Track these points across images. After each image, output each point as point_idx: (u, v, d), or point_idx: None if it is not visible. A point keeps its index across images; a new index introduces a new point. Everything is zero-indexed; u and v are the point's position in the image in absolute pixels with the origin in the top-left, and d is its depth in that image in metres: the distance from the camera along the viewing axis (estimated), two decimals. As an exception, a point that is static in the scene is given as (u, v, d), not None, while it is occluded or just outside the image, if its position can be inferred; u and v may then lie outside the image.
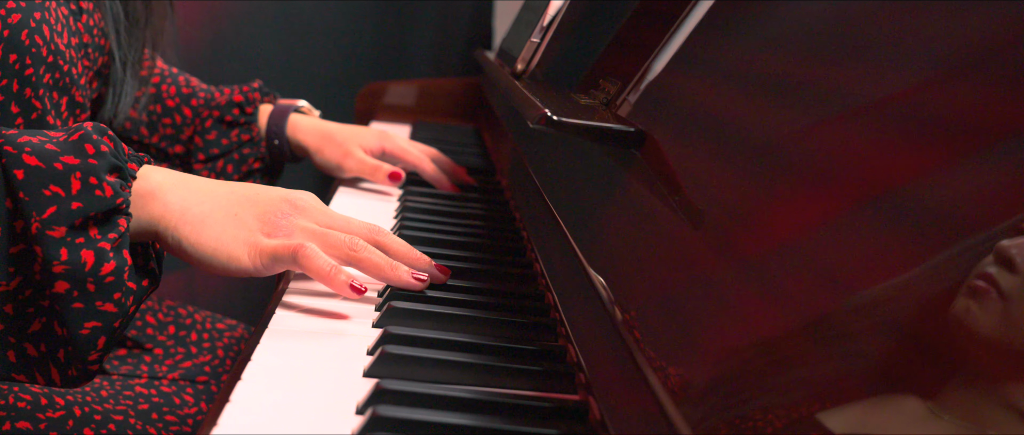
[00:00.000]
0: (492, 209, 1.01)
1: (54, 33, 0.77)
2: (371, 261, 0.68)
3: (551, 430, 0.51)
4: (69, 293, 0.59)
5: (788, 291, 0.41)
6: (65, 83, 0.79)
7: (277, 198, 0.69)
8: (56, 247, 0.58)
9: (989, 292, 0.32)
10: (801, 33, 0.57)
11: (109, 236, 0.60)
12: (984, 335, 0.32)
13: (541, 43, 0.96)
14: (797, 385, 0.37)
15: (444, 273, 0.72)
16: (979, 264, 0.33)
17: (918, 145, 0.40)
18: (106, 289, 0.59)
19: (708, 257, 0.49)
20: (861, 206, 0.41)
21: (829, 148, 0.46)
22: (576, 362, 0.59)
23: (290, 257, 0.65)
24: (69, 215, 0.58)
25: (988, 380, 0.31)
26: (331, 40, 1.85)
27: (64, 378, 0.61)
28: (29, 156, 0.59)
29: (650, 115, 0.67)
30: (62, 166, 0.59)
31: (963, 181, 0.36)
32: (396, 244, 0.71)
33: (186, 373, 0.94)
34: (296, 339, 0.62)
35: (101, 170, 0.60)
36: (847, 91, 0.47)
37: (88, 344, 0.60)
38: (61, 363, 0.61)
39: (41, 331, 0.60)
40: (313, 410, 0.52)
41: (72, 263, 0.58)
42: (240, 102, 1.12)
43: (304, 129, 1.11)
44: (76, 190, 0.59)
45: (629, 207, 0.63)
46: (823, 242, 0.42)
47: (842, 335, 0.37)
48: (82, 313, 0.59)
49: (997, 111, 0.37)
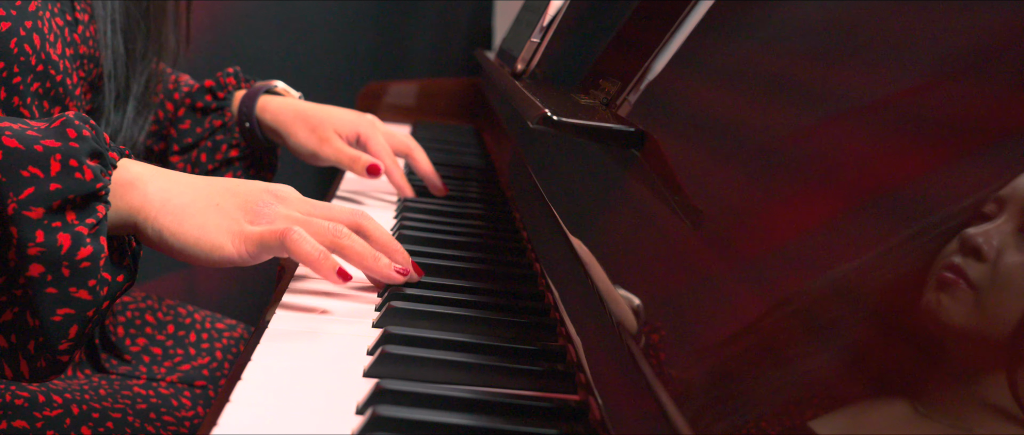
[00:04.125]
0: (492, 209, 1.01)
1: (46, 42, 0.76)
2: (354, 250, 0.68)
3: (551, 430, 0.51)
4: (42, 277, 0.57)
5: (789, 292, 0.41)
6: (57, 93, 0.78)
7: (258, 188, 0.68)
8: (32, 229, 0.57)
9: (958, 283, 0.32)
10: (801, 33, 0.57)
11: (87, 221, 0.59)
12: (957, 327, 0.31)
13: (541, 43, 0.96)
14: (797, 384, 0.37)
15: (418, 273, 0.72)
16: (943, 253, 0.33)
17: (919, 145, 0.40)
18: (81, 275, 0.58)
19: (708, 257, 0.49)
20: (862, 206, 0.41)
21: (829, 148, 0.46)
22: (576, 362, 0.59)
23: (277, 242, 0.64)
24: (47, 196, 0.57)
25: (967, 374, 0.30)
26: (331, 40, 1.85)
27: (32, 370, 0.60)
28: (9, 138, 0.58)
29: (650, 115, 0.67)
30: (42, 148, 0.58)
31: (965, 181, 0.36)
32: (378, 232, 0.71)
33: (184, 376, 0.94)
34: (296, 339, 0.62)
35: (82, 153, 0.59)
36: (847, 91, 0.47)
37: (59, 332, 0.59)
38: (30, 355, 0.60)
39: (12, 321, 0.59)
40: (313, 410, 0.52)
41: (48, 245, 0.57)
42: (211, 87, 1.06)
43: (275, 109, 1.04)
44: (55, 172, 0.58)
45: (629, 207, 0.63)
46: (823, 242, 0.42)
47: (842, 336, 0.37)
48: (55, 299, 0.58)
49: (998, 111, 0.37)
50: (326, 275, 0.66)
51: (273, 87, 1.07)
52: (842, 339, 0.37)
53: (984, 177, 0.35)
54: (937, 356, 0.33)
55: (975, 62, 0.41)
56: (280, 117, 1.03)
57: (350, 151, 1.00)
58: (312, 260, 0.65)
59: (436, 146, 1.36)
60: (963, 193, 0.36)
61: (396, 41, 1.91)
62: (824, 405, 0.35)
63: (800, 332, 0.39)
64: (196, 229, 0.64)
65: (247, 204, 0.67)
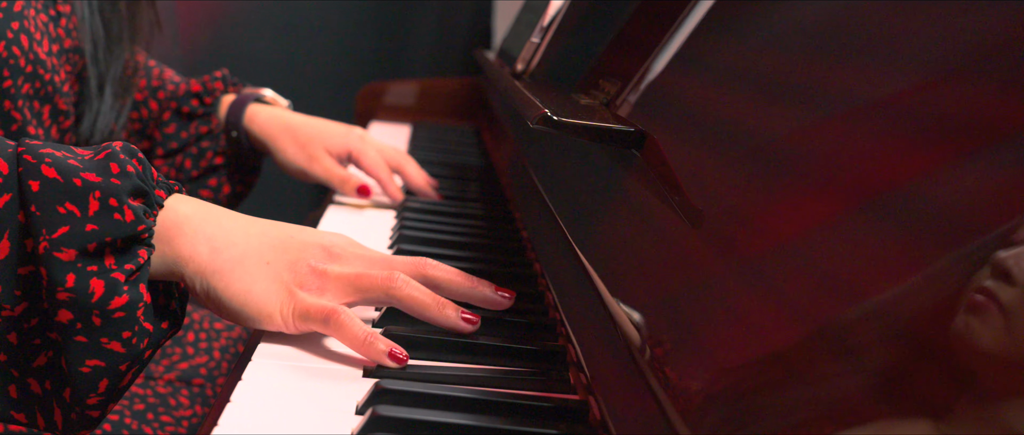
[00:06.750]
0: (492, 209, 1.01)
1: (34, 42, 0.75)
2: (413, 297, 0.61)
3: (551, 430, 0.51)
4: (72, 324, 0.53)
5: (787, 292, 0.41)
6: (47, 92, 0.77)
7: (311, 243, 0.62)
8: (62, 271, 0.52)
9: (989, 307, 0.31)
10: (801, 33, 0.57)
11: (125, 267, 0.54)
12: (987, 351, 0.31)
13: (541, 43, 0.96)
14: (797, 384, 0.37)
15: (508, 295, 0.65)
16: (976, 277, 0.32)
17: (920, 146, 0.40)
18: (114, 325, 0.53)
19: (707, 257, 0.49)
20: (862, 207, 0.41)
21: (830, 148, 0.46)
22: (576, 362, 0.59)
23: (322, 320, 0.59)
24: (82, 238, 0.52)
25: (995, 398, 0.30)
26: (331, 40, 1.85)
27: (66, 422, 0.55)
28: (49, 168, 0.53)
29: (650, 115, 0.67)
30: (81, 182, 0.53)
31: (967, 182, 0.36)
32: (445, 274, 0.64)
33: (182, 375, 0.94)
34: (296, 339, 0.62)
35: (123, 192, 0.54)
36: (847, 91, 0.47)
37: (87, 385, 0.54)
38: (66, 404, 0.55)
39: (47, 366, 0.55)
40: (313, 410, 0.52)
41: (78, 291, 0.52)
42: (198, 92, 1.04)
43: (263, 119, 1.01)
44: (93, 211, 0.53)
45: (629, 207, 0.63)
46: (823, 243, 0.42)
47: (842, 338, 0.37)
48: (83, 349, 0.53)
49: (999, 111, 0.37)
50: (376, 359, 0.58)
51: (261, 95, 1.05)
52: (842, 342, 0.37)
53: (985, 177, 0.35)
54: (943, 370, 0.32)
55: (977, 62, 0.41)
56: (268, 130, 1.01)
57: (340, 171, 0.98)
58: (359, 344, 0.58)
59: (436, 146, 1.36)
60: (970, 192, 0.36)
61: (396, 41, 1.91)
62: (831, 411, 0.35)
63: (800, 334, 0.39)
64: (243, 292, 0.59)
65: (297, 263, 0.61)
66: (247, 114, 1.02)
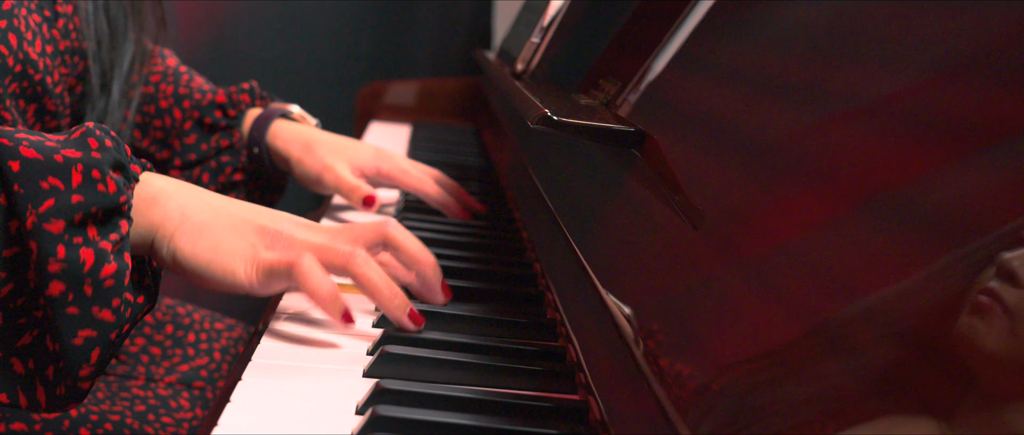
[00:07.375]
0: (492, 209, 1.01)
1: (24, 41, 0.74)
2: (369, 279, 0.62)
3: (551, 430, 0.51)
4: (63, 296, 0.53)
5: (790, 292, 0.41)
6: (35, 91, 0.76)
7: (282, 216, 0.64)
8: (53, 243, 0.53)
9: (993, 308, 0.31)
10: (801, 33, 0.57)
11: (110, 237, 0.55)
12: (991, 354, 0.31)
13: (541, 43, 0.96)
14: (799, 384, 0.37)
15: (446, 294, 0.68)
16: (980, 278, 0.32)
17: (923, 145, 0.40)
18: (105, 294, 0.54)
19: (708, 257, 0.49)
20: (864, 207, 0.41)
21: (830, 148, 0.46)
22: (576, 362, 0.59)
23: (285, 271, 0.60)
24: (69, 209, 0.54)
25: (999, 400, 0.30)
26: (331, 40, 1.85)
27: (50, 398, 0.56)
28: (27, 149, 0.54)
29: (650, 115, 0.67)
30: (62, 158, 0.55)
31: (970, 182, 0.36)
32: (407, 241, 0.66)
33: (183, 377, 0.94)
34: (296, 340, 0.62)
35: (104, 164, 0.56)
36: (848, 91, 0.47)
37: (80, 356, 0.54)
38: (49, 381, 0.56)
39: (31, 345, 0.55)
40: (313, 410, 0.52)
41: (69, 261, 0.53)
42: (223, 104, 1.01)
43: (286, 136, 0.98)
44: (77, 183, 0.54)
45: (629, 207, 0.63)
46: (826, 243, 0.42)
47: (844, 338, 0.37)
48: (76, 320, 0.54)
49: (1003, 110, 0.37)
50: (331, 316, 0.61)
51: (289, 112, 1.01)
52: (843, 342, 0.37)
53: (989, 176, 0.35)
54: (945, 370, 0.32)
55: (977, 62, 0.41)
56: (288, 146, 0.97)
57: (351, 180, 0.95)
58: (318, 298, 0.60)
59: (436, 146, 1.36)
60: (973, 192, 0.36)
61: (396, 41, 1.91)
62: (831, 411, 0.35)
63: (800, 333, 0.39)
64: (209, 250, 0.60)
65: (266, 228, 0.62)
66: (271, 130, 0.98)
